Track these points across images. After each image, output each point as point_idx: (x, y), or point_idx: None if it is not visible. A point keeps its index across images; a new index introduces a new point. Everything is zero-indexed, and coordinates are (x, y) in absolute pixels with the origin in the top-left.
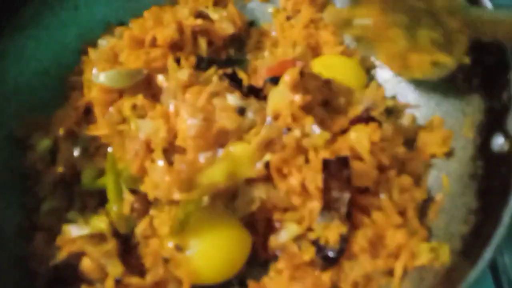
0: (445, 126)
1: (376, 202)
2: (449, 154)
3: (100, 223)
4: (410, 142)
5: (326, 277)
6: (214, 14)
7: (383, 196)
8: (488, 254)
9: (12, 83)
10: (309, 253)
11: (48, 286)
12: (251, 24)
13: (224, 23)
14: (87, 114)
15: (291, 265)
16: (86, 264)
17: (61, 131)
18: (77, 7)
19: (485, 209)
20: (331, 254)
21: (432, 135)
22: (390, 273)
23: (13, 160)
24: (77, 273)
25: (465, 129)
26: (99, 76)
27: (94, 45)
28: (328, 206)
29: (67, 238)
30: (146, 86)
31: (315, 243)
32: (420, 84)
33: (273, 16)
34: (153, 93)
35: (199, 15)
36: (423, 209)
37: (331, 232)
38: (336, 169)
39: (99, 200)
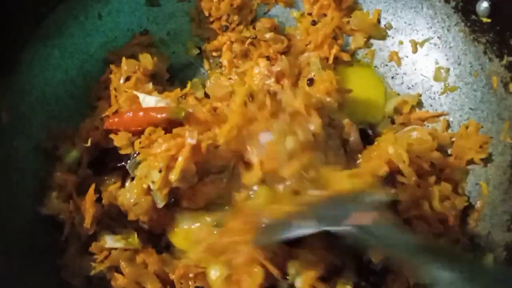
0: (481, 131)
1: (417, 210)
2: (487, 160)
3: (134, 240)
4: (445, 148)
5: None
6: None
7: (424, 205)
8: None
9: (39, 93)
10: None
11: None
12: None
13: None
14: None
15: None
16: (119, 279)
17: (88, 143)
18: (101, 16)
19: None
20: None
21: (468, 141)
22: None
23: (42, 171)
24: (111, 287)
25: (503, 134)
26: None
27: (119, 54)
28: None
29: (101, 246)
30: None
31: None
32: (454, 88)
33: (298, 20)
34: None
35: None
36: (463, 217)
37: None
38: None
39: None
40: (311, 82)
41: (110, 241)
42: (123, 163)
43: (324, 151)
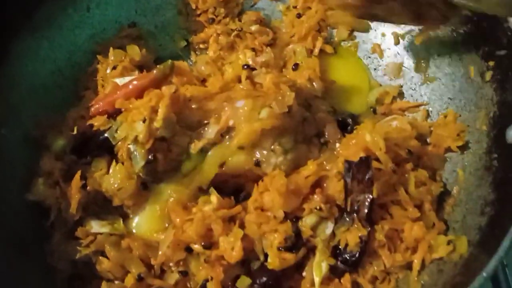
0: (459, 120)
1: (393, 195)
2: (464, 148)
3: (119, 226)
4: (424, 137)
5: (347, 281)
6: None
7: (400, 190)
8: (506, 243)
9: (28, 84)
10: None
11: (68, 282)
12: None
13: None
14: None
15: None
16: (104, 263)
17: (74, 131)
18: (89, 8)
19: (501, 200)
20: (351, 257)
21: (446, 129)
22: (408, 266)
23: (31, 161)
24: (96, 270)
25: (479, 122)
26: None
27: (106, 46)
28: (349, 209)
29: (87, 231)
30: None
31: (334, 248)
32: (433, 78)
33: (283, 13)
34: None
35: None
36: (439, 203)
37: (351, 235)
38: (359, 170)
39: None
40: (296, 67)
41: (95, 226)
42: (105, 134)
43: (295, 134)
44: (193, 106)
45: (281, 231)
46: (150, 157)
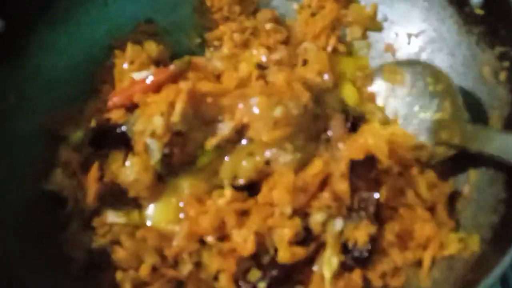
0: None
1: (403, 200)
2: None
3: (135, 216)
4: None
5: (357, 277)
6: None
7: (409, 193)
8: None
9: (45, 77)
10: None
11: (84, 271)
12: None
13: None
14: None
15: None
16: (119, 253)
17: (92, 123)
18: (107, 3)
19: None
20: (360, 255)
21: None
22: (418, 263)
23: (46, 152)
24: (111, 260)
25: (492, 123)
26: None
27: (123, 41)
28: (356, 207)
29: (103, 221)
30: None
31: (344, 245)
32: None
33: (298, 12)
34: None
35: None
36: (450, 202)
37: (360, 233)
38: (364, 169)
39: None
40: (305, 63)
41: (111, 216)
42: (122, 128)
43: (307, 132)
44: (208, 102)
45: (290, 226)
46: (166, 150)
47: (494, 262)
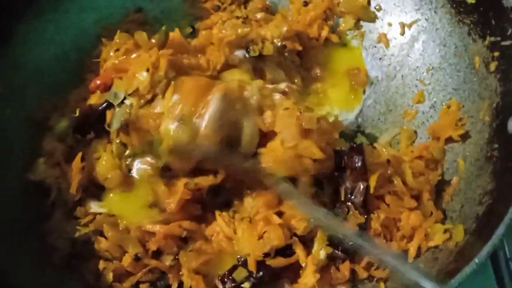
0: (462, 111)
1: (390, 187)
2: (465, 138)
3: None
4: None
5: (345, 269)
6: None
7: (397, 181)
8: (500, 230)
9: (32, 66)
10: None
11: (67, 260)
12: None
13: None
14: None
15: None
16: (102, 242)
17: (77, 112)
18: None
19: (499, 190)
20: (351, 245)
21: (447, 118)
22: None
23: (34, 141)
24: (94, 250)
25: (482, 113)
26: None
27: (112, 30)
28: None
29: (86, 211)
30: None
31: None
32: (438, 68)
33: (290, 2)
34: None
35: None
36: (438, 192)
37: (349, 224)
38: (351, 158)
39: None
40: (306, 3)
41: (94, 206)
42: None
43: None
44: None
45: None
46: (123, 121)
47: (476, 251)
